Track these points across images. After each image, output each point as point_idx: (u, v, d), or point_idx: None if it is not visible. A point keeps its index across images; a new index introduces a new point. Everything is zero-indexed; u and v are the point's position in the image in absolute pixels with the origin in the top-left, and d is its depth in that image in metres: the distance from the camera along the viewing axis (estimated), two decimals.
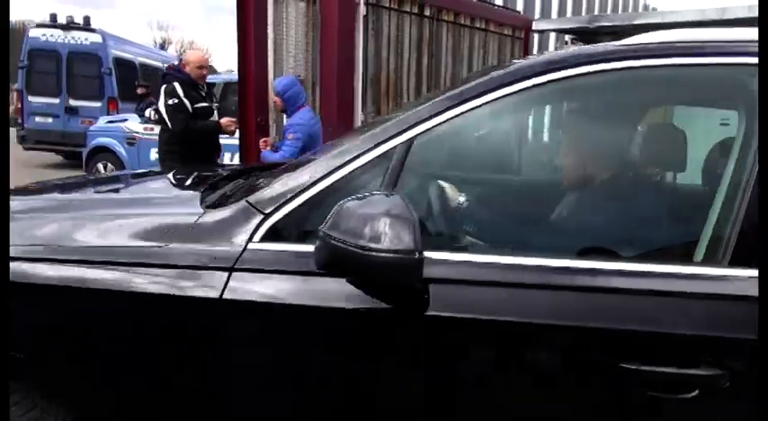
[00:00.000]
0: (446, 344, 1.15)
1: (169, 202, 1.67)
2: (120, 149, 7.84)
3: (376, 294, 1.14)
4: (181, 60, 4.68)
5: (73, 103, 10.61)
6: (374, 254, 1.03)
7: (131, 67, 11.37)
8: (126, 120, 8.23)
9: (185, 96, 4.32)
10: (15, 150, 11.58)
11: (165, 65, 12.90)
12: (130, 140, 7.77)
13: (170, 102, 4.31)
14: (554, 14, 8.02)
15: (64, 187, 2.01)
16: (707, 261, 1.12)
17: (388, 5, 4.67)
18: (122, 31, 13.26)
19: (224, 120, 4.47)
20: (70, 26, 10.75)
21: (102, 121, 8.77)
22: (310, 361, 1.20)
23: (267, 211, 1.24)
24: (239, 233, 1.23)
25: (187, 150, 4.28)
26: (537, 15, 7.65)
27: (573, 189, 1.47)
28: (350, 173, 1.24)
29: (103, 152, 8.03)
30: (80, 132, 9.25)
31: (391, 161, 1.22)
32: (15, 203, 1.52)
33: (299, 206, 1.24)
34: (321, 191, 1.24)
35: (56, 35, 10.64)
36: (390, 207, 1.07)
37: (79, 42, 10.67)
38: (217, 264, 1.20)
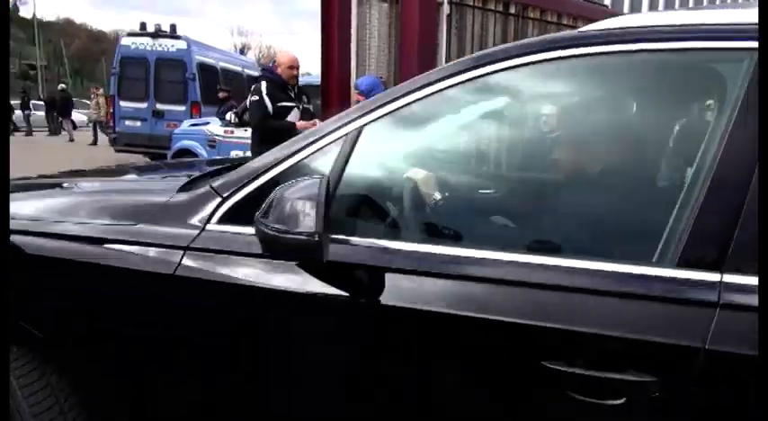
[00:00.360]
0: (390, 336, 1.16)
1: (159, 187, 1.76)
2: (202, 151, 8.10)
3: (316, 277, 1.19)
4: (274, 61, 4.78)
5: (159, 107, 11.11)
6: (283, 235, 1.11)
7: (213, 71, 11.78)
8: (208, 123, 8.50)
9: (269, 95, 4.40)
10: (107, 152, 12.29)
11: (246, 69, 13.38)
12: (211, 143, 8.00)
13: (252, 98, 4.50)
14: (644, 9, 7.58)
15: (88, 174, 2.21)
16: (657, 261, 1.03)
17: (471, 4, 4.54)
18: (206, 38, 13.77)
19: (300, 124, 4.48)
20: (158, 34, 11.26)
21: (185, 125, 9.10)
22: (251, 340, 1.27)
23: (225, 195, 1.31)
24: (199, 215, 1.31)
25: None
26: (626, 10, 7.26)
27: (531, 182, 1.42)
28: (302, 159, 1.28)
29: (187, 154, 8.32)
30: (165, 135, 9.66)
31: (340, 148, 1.25)
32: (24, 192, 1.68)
33: (254, 190, 1.29)
34: (274, 176, 1.28)
35: (145, 43, 11.19)
36: (304, 191, 1.12)
37: (166, 49, 11.16)
38: (173, 242, 1.29)
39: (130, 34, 11.55)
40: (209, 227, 1.30)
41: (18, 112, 19.13)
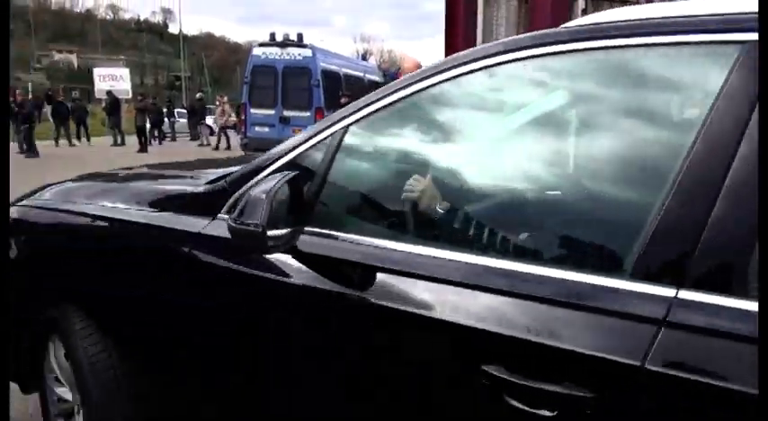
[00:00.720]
0: (352, 329, 1.22)
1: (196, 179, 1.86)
2: None
3: (294, 266, 1.28)
4: (399, 68, 4.75)
5: (286, 113, 11.62)
6: (237, 226, 1.22)
7: (336, 78, 12.11)
8: None
9: None
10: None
11: (367, 75, 13.62)
12: None
13: None
14: None
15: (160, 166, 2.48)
16: (613, 271, 0.96)
17: None
18: (331, 45, 14.26)
19: None
20: (285, 43, 11.79)
21: None
22: (232, 321, 1.40)
23: (232, 188, 1.43)
24: (213, 205, 1.44)
25: None
26: None
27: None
28: (298, 155, 1.36)
29: None
30: None
31: (328, 146, 1.32)
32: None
33: (255, 183, 1.38)
34: (273, 171, 1.37)
35: (274, 52, 11.75)
36: (262, 186, 1.24)
37: (292, 58, 11.65)
38: (188, 229, 1.45)
39: (261, 44, 12.19)
40: (219, 216, 1.42)
41: (166, 120, 21.05)
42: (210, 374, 1.48)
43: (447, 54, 4.02)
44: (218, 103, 18.23)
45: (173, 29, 76.46)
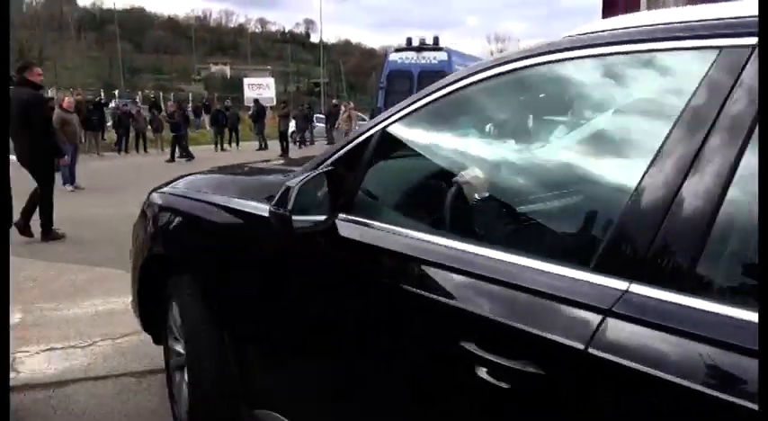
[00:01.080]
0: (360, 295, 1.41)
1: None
2: None
3: (332, 247, 1.49)
4: None
5: None
6: (272, 210, 1.48)
7: None
8: None
9: None
10: None
11: None
12: None
13: None
14: None
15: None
16: (577, 262, 1.03)
17: None
18: (464, 47, 14.05)
19: None
20: (422, 48, 11.77)
21: None
22: (276, 282, 1.67)
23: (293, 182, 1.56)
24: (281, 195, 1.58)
25: None
26: None
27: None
28: (347, 151, 1.54)
29: None
30: None
31: (371, 143, 1.49)
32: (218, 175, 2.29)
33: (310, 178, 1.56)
34: (326, 166, 1.55)
35: (409, 57, 11.79)
36: (294, 180, 1.46)
37: (428, 61, 11.60)
38: (259, 213, 1.67)
39: (398, 50, 12.28)
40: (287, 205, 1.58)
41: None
42: (263, 327, 1.76)
43: None
44: (343, 108, 18.68)
45: (314, 38, 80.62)
